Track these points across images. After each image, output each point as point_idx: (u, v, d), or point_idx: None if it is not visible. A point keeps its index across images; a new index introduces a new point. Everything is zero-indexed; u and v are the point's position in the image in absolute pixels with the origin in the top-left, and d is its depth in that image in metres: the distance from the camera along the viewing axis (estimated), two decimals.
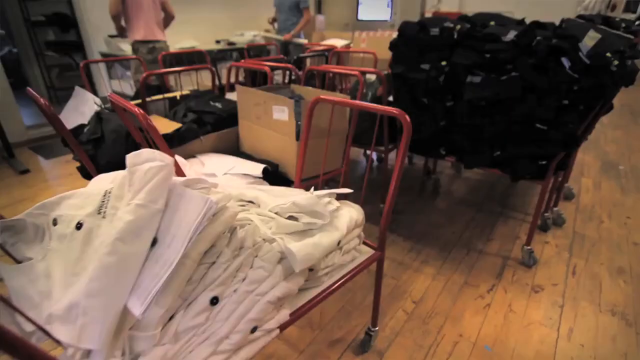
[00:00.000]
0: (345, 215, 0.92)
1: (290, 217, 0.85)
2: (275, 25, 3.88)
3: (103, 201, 0.66)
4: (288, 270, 0.77)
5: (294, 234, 0.82)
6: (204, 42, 4.30)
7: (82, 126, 1.50)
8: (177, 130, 1.44)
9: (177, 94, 1.90)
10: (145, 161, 0.63)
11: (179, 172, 1.10)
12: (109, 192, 0.67)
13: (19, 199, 2.34)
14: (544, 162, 1.45)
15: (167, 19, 2.95)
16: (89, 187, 0.74)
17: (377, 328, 1.27)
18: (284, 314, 0.77)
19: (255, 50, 4.04)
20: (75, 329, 0.53)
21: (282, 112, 1.31)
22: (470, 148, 1.57)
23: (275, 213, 0.86)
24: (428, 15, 4.78)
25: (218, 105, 1.66)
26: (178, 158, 1.32)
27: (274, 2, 3.69)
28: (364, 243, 1.08)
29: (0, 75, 3.08)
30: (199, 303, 0.64)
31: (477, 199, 2.27)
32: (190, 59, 3.69)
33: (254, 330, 0.70)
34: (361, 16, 5.54)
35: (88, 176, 1.48)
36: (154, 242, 0.60)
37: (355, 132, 1.59)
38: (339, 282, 0.92)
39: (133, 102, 1.78)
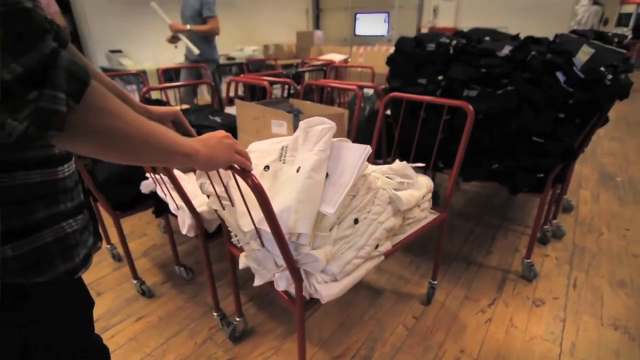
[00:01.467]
0: (423, 180, 1.26)
1: (387, 177, 1.15)
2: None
3: (281, 152, 0.95)
4: (394, 211, 1.07)
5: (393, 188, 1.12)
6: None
7: None
8: None
9: (177, 109, 1.91)
10: (318, 124, 0.94)
11: (178, 186, 1.10)
12: (286, 147, 0.95)
13: None
14: (541, 175, 1.46)
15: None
16: (257, 147, 1.01)
17: (436, 281, 1.50)
18: (388, 245, 1.07)
19: (255, 65, 4.09)
20: (290, 222, 0.80)
21: (280, 126, 1.32)
22: (468, 161, 1.57)
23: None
24: (424, 30, 4.87)
25: (217, 119, 1.67)
26: (176, 172, 1.32)
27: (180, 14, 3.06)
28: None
29: None
30: (347, 220, 0.93)
31: (476, 212, 2.27)
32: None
33: (377, 246, 1.00)
34: (358, 31, 5.64)
35: (86, 191, 1.47)
36: (327, 175, 0.89)
37: None
38: (416, 231, 1.23)
39: None
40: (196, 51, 2.78)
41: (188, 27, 2.79)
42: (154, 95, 2.83)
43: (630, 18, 11.92)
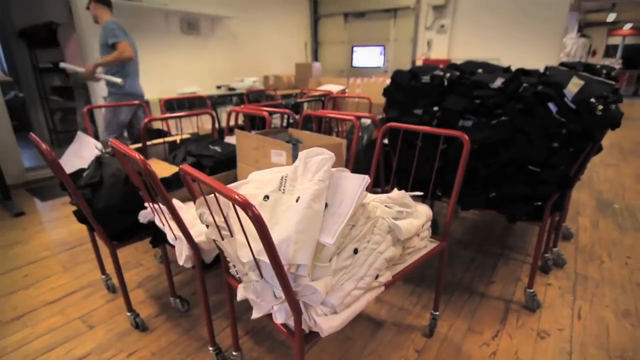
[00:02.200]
0: (421, 208, 1.26)
1: (386, 206, 1.16)
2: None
3: (281, 182, 0.95)
4: (394, 240, 1.07)
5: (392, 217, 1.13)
6: (205, 87, 4.47)
7: (82, 170, 1.52)
8: (176, 174, 1.46)
9: (177, 138, 1.94)
10: (317, 155, 0.95)
11: (176, 215, 1.10)
12: (285, 177, 0.96)
13: (11, 242, 2.30)
14: (539, 203, 1.47)
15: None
16: (256, 177, 1.02)
17: (438, 312, 1.48)
18: (388, 275, 1.06)
19: (255, 95, 4.19)
20: (290, 253, 0.79)
21: (280, 156, 1.33)
22: (466, 189, 1.58)
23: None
24: (419, 62, 5.03)
25: (217, 148, 1.69)
26: (175, 201, 1.32)
27: (128, 37, 2.77)
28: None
29: (4, 118, 3.15)
30: (346, 250, 0.93)
31: (476, 240, 2.25)
32: (192, 103, 3.82)
33: (377, 277, 1.00)
34: (355, 63, 5.82)
35: (84, 220, 1.46)
36: (326, 205, 0.89)
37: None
38: (417, 260, 1.22)
39: (134, 146, 1.81)
40: (119, 81, 2.62)
41: (98, 61, 2.61)
42: (156, 125, 2.88)
43: (617, 49, 12.41)
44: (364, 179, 0.90)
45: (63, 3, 3.88)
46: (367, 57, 5.67)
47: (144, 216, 1.38)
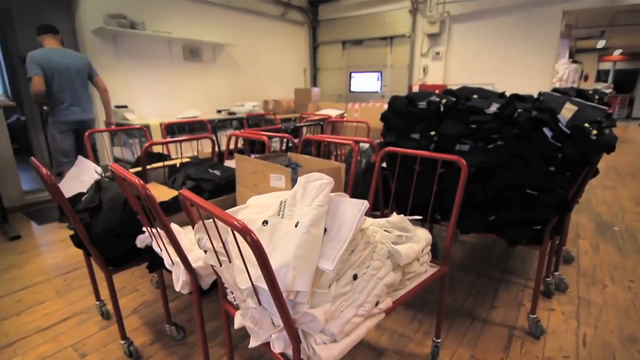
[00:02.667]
0: (421, 233, 1.25)
1: (385, 230, 1.15)
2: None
3: (280, 207, 0.95)
4: (393, 265, 1.06)
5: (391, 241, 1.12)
6: (206, 111, 4.54)
7: (81, 194, 1.52)
8: (175, 198, 1.46)
9: (177, 162, 1.95)
10: (316, 180, 0.95)
11: (174, 240, 1.09)
12: (284, 202, 0.95)
13: (6, 267, 2.26)
14: (538, 227, 1.46)
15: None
16: (255, 201, 1.02)
17: (440, 340, 1.45)
18: (388, 301, 1.05)
19: (255, 119, 4.25)
20: (288, 279, 0.78)
21: (279, 180, 1.34)
22: (464, 213, 1.59)
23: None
24: (415, 87, 5.14)
25: (217, 172, 1.70)
26: (173, 226, 1.32)
27: (47, 69, 2.69)
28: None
29: (5, 143, 3.17)
30: (346, 277, 0.91)
31: (476, 263, 2.23)
32: (192, 127, 3.87)
33: (377, 303, 0.98)
34: (354, 88, 5.94)
35: (81, 245, 1.45)
36: (325, 230, 0.88)
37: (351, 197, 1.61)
38: (417, 286, 1.21)
39: (134, 170, 1.82)
40: (45, 108, 2.81)
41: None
42: (156, 148, 2.90)
43: (609, 74, 12.74)
44: (363, 204, 0.90)
45: (68, 31, 4.00)
46: (365, 82, 5.80)
47: (141, 241, 1.37)
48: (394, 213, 1.24)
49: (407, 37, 5.15)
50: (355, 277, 0.93)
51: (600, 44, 9.49)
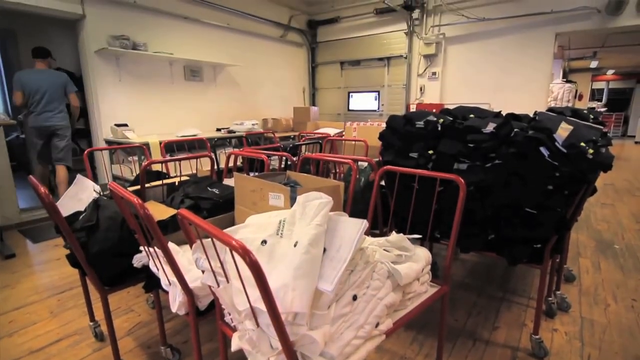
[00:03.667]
0: (420, 252, 1.23)
1: (384, 250, 1.12)
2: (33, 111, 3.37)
3: (279, 226, 0.95)
4: (393, 285, 1.05)
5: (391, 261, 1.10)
6: (206, 130, 4.57)
7: (78, 213, 1.51)
8: (173, 216, 1.45)
9: (176, 180, 1.95)
10: (314, 199, 0.95)
11: (171, 260, 1.08)
12: (283, 221, 0.95)
13: (0, 286, 2.22)
14: (538, 245, 1.46)
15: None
16: (254, 220, 1.03)
17: None
18: (388, 322, 1.03)
19: (254, 138, 4.28)
20: (287, 300, 0.78)
21: (278, 199, 1.34)
22: (464, 232, 1.58)
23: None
24: (412, 106, 5.21)
25: (215, 191, 1.70)
26: (171, 245, 1.31)
27: (27, 86, 3.28)
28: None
29: (3, 160, 3.18)
30: (345, 297, 0.90)
31: (477, 282, 2.21)
32: (191, 145, 3.89)
33: (377, 325, 0.96)
34: (352, 107, 6.03)
35: (77, 264, 1.43)
36: (324, 250, 0.87)
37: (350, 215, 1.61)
38: (418, 306, 1.19)
39: (132, 188, 1.82)
40: (20, 117, 3.63)
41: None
42: (155, 167, 2.90)
43: (603, 93, 12.96)
44: (363, 223, 0.89)
45: (72, 51, 4.07)
46: (363, 101, 5.88)
47: (138, 260, 1.36)
48: (394, 232, 1.23)
49: (404, 57, 5.26)
50: (355, 297, 0.92)
51: (593, 64, 9.70)
